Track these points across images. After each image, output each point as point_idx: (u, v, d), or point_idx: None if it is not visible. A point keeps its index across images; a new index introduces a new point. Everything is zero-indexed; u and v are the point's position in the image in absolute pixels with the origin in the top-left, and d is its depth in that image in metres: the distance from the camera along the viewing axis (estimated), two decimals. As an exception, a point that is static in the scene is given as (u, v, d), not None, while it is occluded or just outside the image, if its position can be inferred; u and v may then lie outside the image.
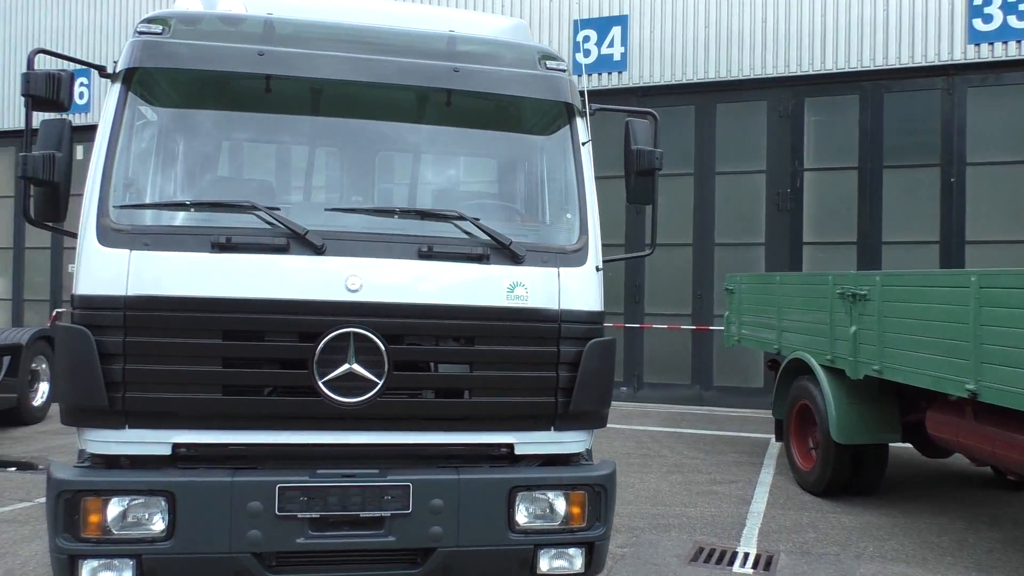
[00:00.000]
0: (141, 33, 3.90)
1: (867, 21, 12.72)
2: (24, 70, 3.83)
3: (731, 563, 5.86)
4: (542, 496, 3.98)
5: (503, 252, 3.94)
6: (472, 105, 4.20)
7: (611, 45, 14.01)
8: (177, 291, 3.64)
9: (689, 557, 5.94)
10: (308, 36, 4.05)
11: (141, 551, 3.61)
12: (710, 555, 6.01)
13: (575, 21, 14.10)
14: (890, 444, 7.37)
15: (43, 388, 11.55)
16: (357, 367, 3.73)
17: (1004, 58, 12.10)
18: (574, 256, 4.09)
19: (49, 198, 3.86)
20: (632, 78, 13.95)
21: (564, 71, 4.29)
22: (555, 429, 4.06)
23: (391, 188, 4.44)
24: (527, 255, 3.96)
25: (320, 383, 3.70)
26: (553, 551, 3.99)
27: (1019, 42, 12.02)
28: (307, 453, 3.83)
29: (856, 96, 13.04)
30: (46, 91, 3.82)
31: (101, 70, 4.11)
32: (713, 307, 13.49)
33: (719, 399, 13.45)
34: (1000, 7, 12.04)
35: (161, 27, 3.92)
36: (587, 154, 4.30)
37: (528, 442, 4.04)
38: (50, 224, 3.96)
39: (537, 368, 3.95)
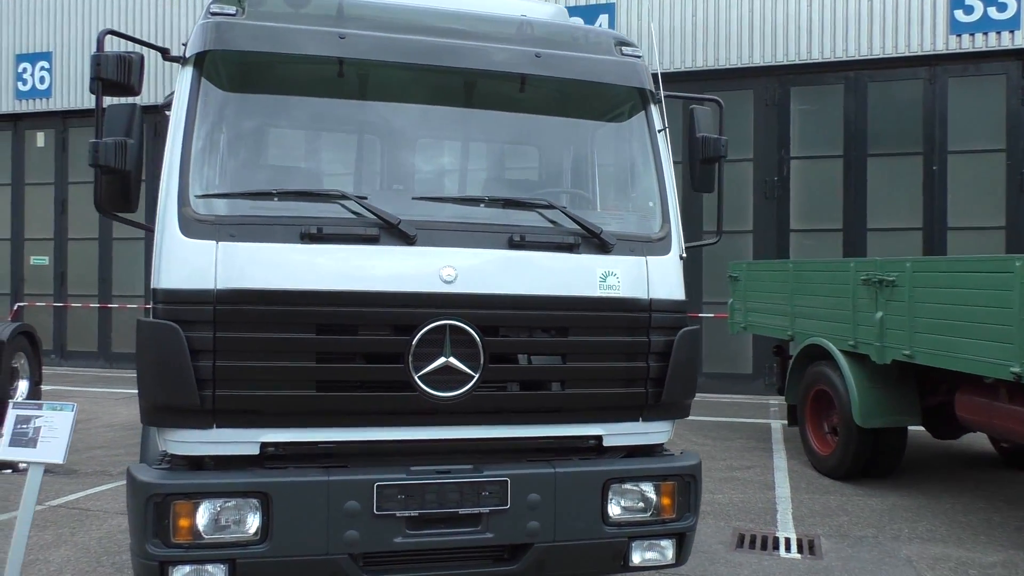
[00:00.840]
0: (213, 14, 3.72)
1: (852, 12, 12.91)
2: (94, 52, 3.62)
3: (775, 548, 5.90)
4: (635, 488, 3.93)
5: (591, 241, 3.87)
6: (551, 91, 4.11)
7: (598, 33, 13.96)
8: (269, 284, 3.49)
9: (733, 544, 5.97)
10: (379, 18, 3.91)
11: (234, 555, 3.46)
12: (752, 541, 6.04)
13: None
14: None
15: (23, 387, 11.10)
16: (453, 360, 3.62)
17: (984, 49, 12.41)
18: (659, 245, 4.04)
19: (120, 187, 3.67)
20: (619, 67, 13.91)
21: (640, 57, 4.23)
22: (643, 420, 4.01)
23: (471, 176, 4.32)
24: (616, 244, 3.90)
25: (416, 377, 3.59)
26: (645, 543, 3.95)
27: (999, 33, 12.33)
28: (399, 449, 3.72)
29: (841, 86, 13.25)
30: (117, 74, 3.62)
31: (164, 52, 3.91)
32: (702, 295, 13.59)
33: (709, 386, 13.57)
34: (981, -1, 12.33)
35: (235, 8, 3.74)
36: (664, 141, 4.25)
37: (616, 433, 3.99)
38: (121, 215, 3.76)
39: (628, 359, 3.90)
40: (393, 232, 3.61)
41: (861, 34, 12.88)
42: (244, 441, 3.56)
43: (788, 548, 5.90)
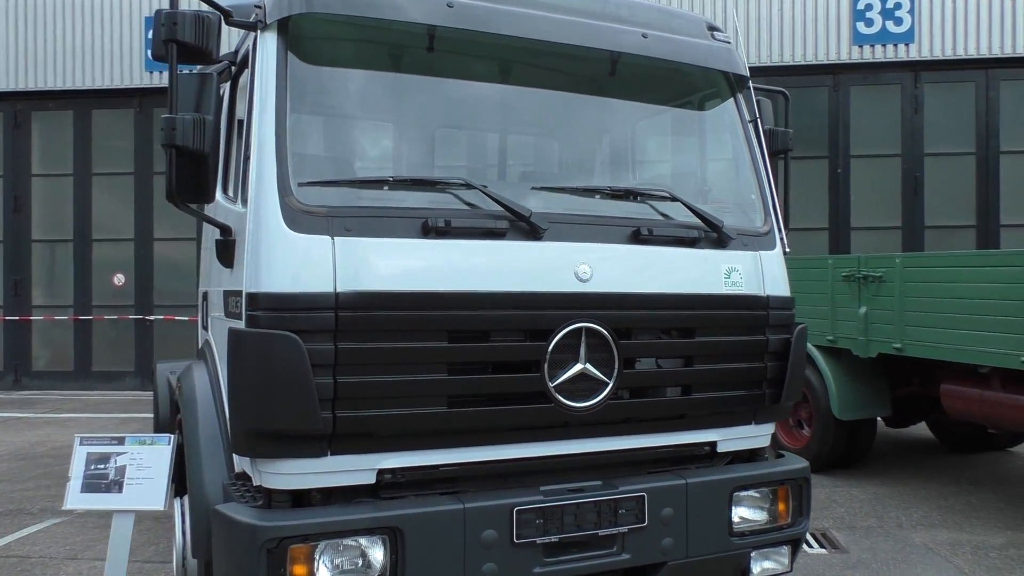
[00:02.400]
0: None
1: (763, 20, 13.40)
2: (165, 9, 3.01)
3: (797, 545, 5.86)
4: (756, 495, 3.73)
5: (710, 236, 3.65)
6: (652, 75, 3.85)
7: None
8: (397, 286, 3.02)
9: (756, 544, 5.88)
10: None
11: None
12: (772, 540, 5.98)
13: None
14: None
15: None
16: (589, 367, 3.28)
17: (883, 59, 13.21)
18: (767, 239, 3.87)
19: (195, 173, 3.06)
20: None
21: (731, 43, 4.04)
22: (755, 423, 3.83)
23: (579, 165, 3.97)
24: (735, 239, 3.69)
25: (551, 387, 3.22)
26: (764, 551, 3.76)
27: (895, 45, 13.16)
28: (524, 469, 3.34)
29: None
30: (195, 37, 3.02)
31: (226, 16, 3.32)
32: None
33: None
34: (880, 12, 13.11)
35: (323, -35, 3.22)
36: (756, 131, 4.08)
37: (730, 438, 3.78)
38: (193, 206, 3.16)
39: (749, 359, 3.70)
40: (521, 225, 3.22)
41: (773, 42, 13.39)
42: (360, 469, 3.08)
43: (808, 544, 5.89)
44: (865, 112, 13.49)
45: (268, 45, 3.17)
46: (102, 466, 2.77)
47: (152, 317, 14.04)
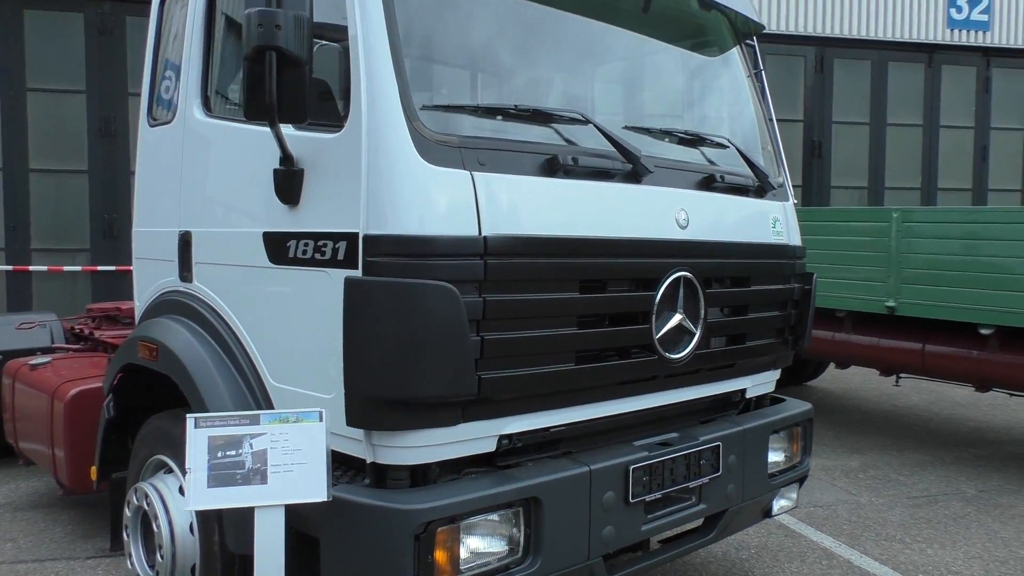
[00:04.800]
0: None
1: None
2: None
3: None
4: (783, 437, 3.89)
5: (754, 185, 3.68)
6: (704, 20, 3.76)
7: None
8: (535, 230, 2.70)
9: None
10: None
11: None
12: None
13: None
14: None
15: None
16: (684, 317, 3.19)
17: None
18: (783, 190, 3.99)
19: (294, 85, 2.46)
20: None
21: (744, -7, 4.06)
22: (775, 368, 3.98)
23: (642, 105, 3.73)
24: (775, 189, 3.77)
25: (656, 338, 3.09)
26: (782, 490, 3.94)
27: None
28: (617, 424, 3.19)
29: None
30: None
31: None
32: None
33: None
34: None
35: None
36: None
37: (758, 384, 3.90)
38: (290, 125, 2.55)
39: (785, 306, 3.81)
40: (629, 167, 3.02)
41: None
42: (483, 436, 2.75)
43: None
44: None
45: None
46: (232, 452, 2.10)
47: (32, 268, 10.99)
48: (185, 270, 3.38)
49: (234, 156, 3.17)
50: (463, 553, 2.58)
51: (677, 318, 3.16)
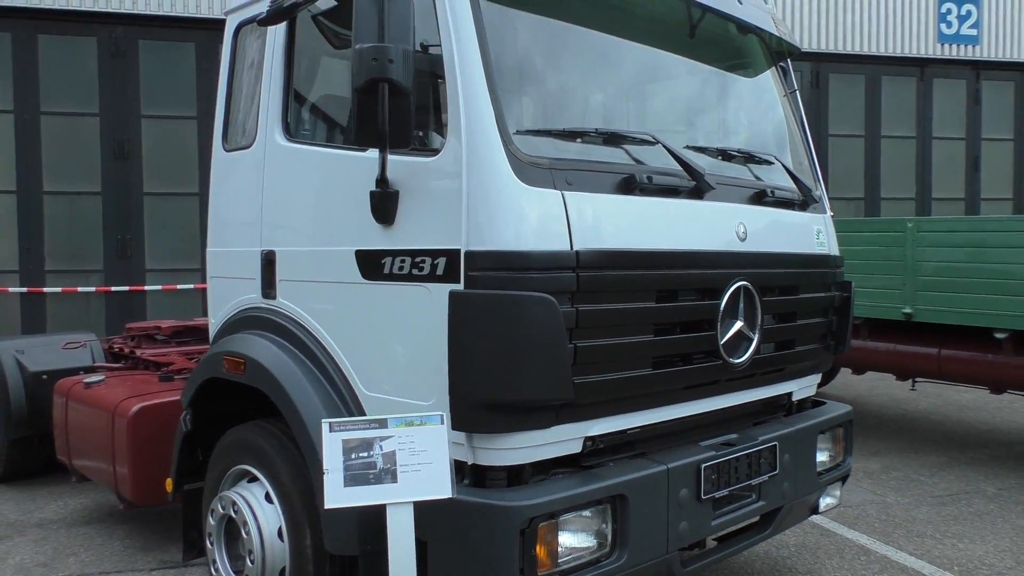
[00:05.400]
0: None
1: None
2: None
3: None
4: (828, 438, 4.09)
5: (798, 199, 3.90)
6: (744, 41, 3.98)
7: None
8: (619, 244, 2.90)
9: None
10: None
11: None
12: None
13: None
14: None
15: None
16: (744, 324, 3.39)
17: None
18: (822, 203, 4.20)
19: (401, 113, 2.65)
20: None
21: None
22: (817, 372, 4.18)
23: (694, 123, 3.94)
24: (817, 202, 3.99)
25: (720, 344, 3.29)
26: (827, 489, 4.14)
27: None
28: (682, 426, 3.38)
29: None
30: None
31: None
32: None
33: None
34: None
35: None
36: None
37: (802, 387, 4.11)
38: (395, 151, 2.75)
39: (827, 313, 4.02)
40: (693, 184, 3.23)
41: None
42: (571, 438, 2.94)
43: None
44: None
45: None
46: (364, 454, 2.27)
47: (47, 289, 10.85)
48: (268, 287, 3.55)
49: (318, 178, 3.35)
50: (560, 548, 2.75)
51: (738, 325, 3.36)
